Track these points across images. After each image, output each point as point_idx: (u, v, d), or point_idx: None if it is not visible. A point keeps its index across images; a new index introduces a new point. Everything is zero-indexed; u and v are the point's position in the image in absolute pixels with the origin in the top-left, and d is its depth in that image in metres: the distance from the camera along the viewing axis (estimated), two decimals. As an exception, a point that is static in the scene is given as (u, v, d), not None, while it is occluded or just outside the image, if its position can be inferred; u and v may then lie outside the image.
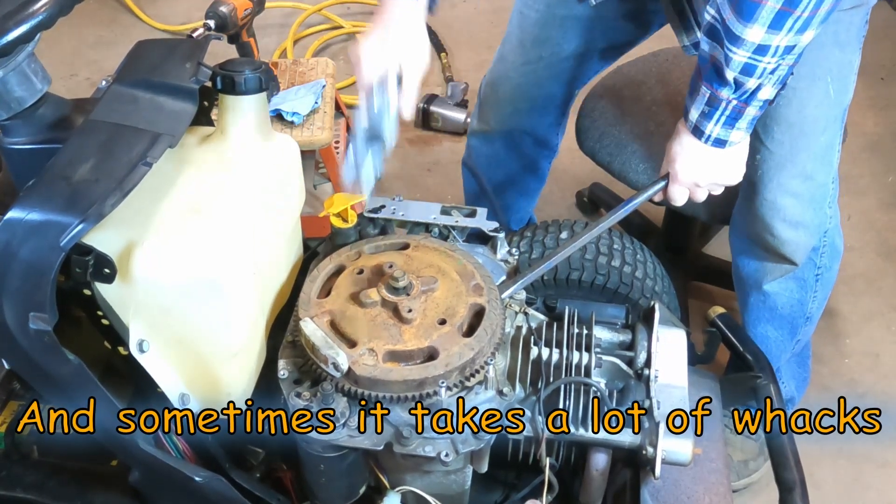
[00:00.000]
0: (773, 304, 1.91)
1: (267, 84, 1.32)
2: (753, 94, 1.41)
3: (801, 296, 1.89)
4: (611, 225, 1.58)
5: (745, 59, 1.36)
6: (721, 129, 1.48)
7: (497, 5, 3.70)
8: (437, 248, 1.41)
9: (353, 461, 1.29)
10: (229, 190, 1.27)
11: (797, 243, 1.77)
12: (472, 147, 2.16)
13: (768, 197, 1.70)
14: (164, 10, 3.72)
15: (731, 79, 1.39)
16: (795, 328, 1.96)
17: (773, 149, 1.65)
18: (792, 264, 1.82)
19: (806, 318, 1.95)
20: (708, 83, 1.43)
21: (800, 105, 1.60)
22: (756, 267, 1.87)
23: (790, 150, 1.65)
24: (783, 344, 1.98)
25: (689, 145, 1.53)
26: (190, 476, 1.25)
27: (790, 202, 1.70)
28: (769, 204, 1.71)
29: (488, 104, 2.02)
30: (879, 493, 2.12)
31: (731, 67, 1.38)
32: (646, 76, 2.12)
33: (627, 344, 1.42)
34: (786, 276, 1.85)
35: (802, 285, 1.88)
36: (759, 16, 1.30)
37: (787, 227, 1.74)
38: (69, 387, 1.15)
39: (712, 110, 1.45)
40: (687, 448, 1.32)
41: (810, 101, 1.60)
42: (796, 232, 1.75)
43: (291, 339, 1.33)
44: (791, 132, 1.63)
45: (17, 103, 1.19)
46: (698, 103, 1.47)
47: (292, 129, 2.30)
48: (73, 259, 1.07)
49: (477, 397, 1.26)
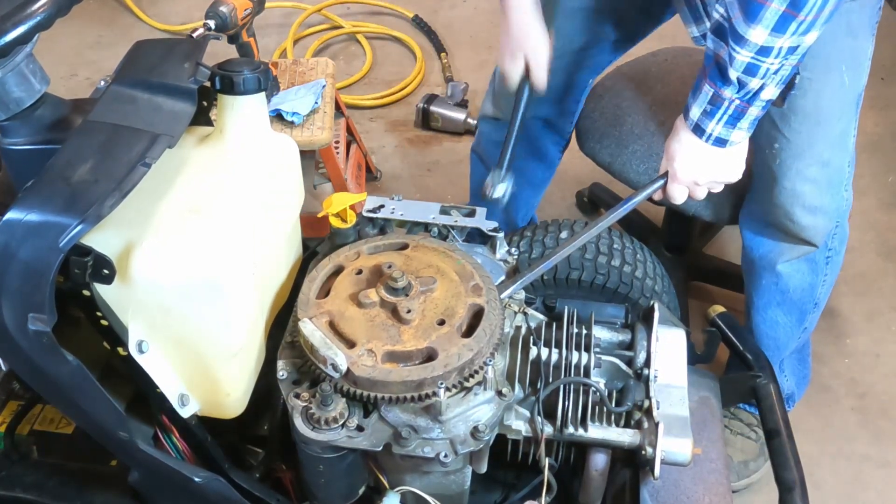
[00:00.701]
0: (786, 287, 1.92)
1: (265, 84, 1.32)
2: (756, 94, 1.42)
3: (812, 279, 1.91)
4: (610, 224, 1.58)
5: (749, 59, 1.36)
6: (723, 129, 1.48)
7: (497, 5, 3.65)
8: (436, 248, 1.41)
9: (352, 461, 1.29)
10: (228, 190, 1.27)
11: (816, 227, 1.79)
12: (482, 133, 2.16)
13: (787, 185, 1.72)
14: (164, 10, 3.72)
15: (734, 78, 1.39)
16: (804, 314, 1.97)
17: (791, 138, 1.66)
18: (811, 245, 1.84)
19: (814, 304, 1.96)
20: (712, 82, 1.43)
21: (815, 95, 1.60)
22: (770, 248, 1.88)
23: (807, 138, 1.66)
24: (791, 330, 1.99)
25: (688, 143, 1.53)
26: (189, 476, 1.26)
27: (809, 188, 1.72)
28: (788, 192, 1.72)
29: (502, 93, 2.02)
30: (879, 493, 2.12)
31: (735, 67, 1.38)
32: (645, 76, 2.12)
33: (627, 344, 1.42)
34: (799, 258, 1.87)
35: (814, 268, 1.89)
36: (763, 17, 1.30)
37: (807, 212, 1.75)
38: (68, 387, 1.15)
39: (714, 109, 1.46)
40: (686, 448, 1.32)
41: (825, 90, 1.61)
42: (815, 217, 1.77)
43: (290, 340, 1.34)
44: (807, 122, 1.64)
45: (16, 104, 1.19)
46: (700, 101, 1.47)
47: (292, 129, 2.30)
48: (72, 260, 1.07)
49: (476, 398, 1.26)
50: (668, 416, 1.34)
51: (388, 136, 3.12)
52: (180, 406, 1.27)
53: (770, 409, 1.63)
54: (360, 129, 2.97)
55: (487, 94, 2.11)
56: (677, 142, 1.55)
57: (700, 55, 1.49)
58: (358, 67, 3.38)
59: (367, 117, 3.20)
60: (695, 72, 2.03)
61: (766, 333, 2.00)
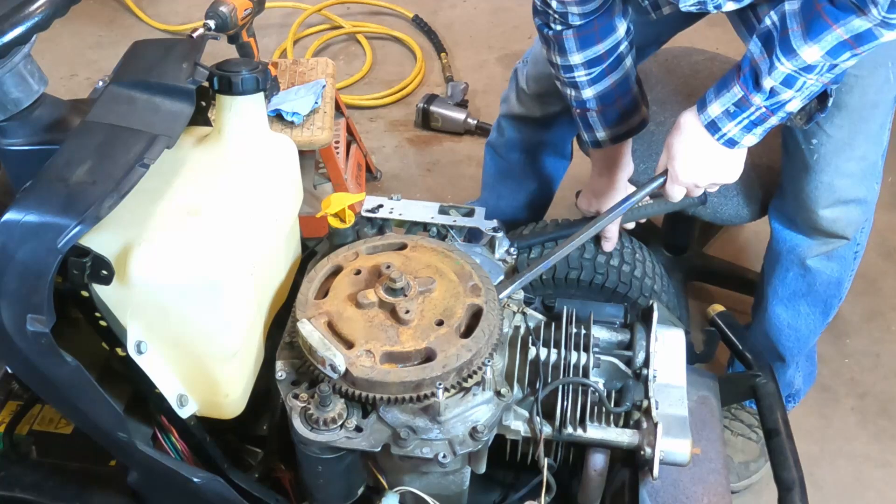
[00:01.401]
0: (813, 280, 1.92)
1: (264, 84, 1.32)
2: (783, 105, 1.41)
3: (841, 275, 1.92)
4: (609, 224, 1.57)
5: (790, 71, 1.35)
6: (739, 132, 1.46)
7: (497, 5, 3.69)
8: (434, 248, 1.41)
9: (351, 462, 1.29)
10: (227, 190, 1.27)
11: (848, 220, 1.80)
12: (503, 129, 2.16)
13: (825, 180, 1.72)
14: (164, 10, 3.72)
15: (768, 87, 1.38)
16: (829, 308, 1.98)
17: (833, 133, 1.66)
18: (843, 239, 1.84)
19: (839, 299, 1.97)
20: (744, 84, 1.41)
21: (861, 91, 1.60)
22: (800, 242, 1.88)
23: (849, 134, 1.66)
24: (816, 324, 2.00)
25: (695, 141, 1.50)
26: (188, 477, 1.26)
27: (846, 183, 1.72)
28: (826, 186, 1.72)
29: (531, 95, 2.03)
30: (879, 493, 2.12)
31: (773, 76, 1.37)
32: (646, 76, 2.11)
33: (626, 343, 1.41)
34: (829, 253, 1.87)
35: (843, 263, 1.90)
36: (824, 39, 1.30)
37: (842, 206, 1.76)
38: (67, 388, 1.15)
39: (738, 111, 1.44)
40: (685, 448, 1.32)
41: (871, 87, 1.61)
42: (848, 209, 1.77)
43: (289, 340, 1.33)
44: (851, 117, 1.64)
45: (14, 104, 1.19)
46: (725, 100, 1.44)
47: (292, 129, 2.30)
48: (71, 261, 1.07)
49: (475, 398, 1.26)
50: (667, 416, 1.34)
51: (388, 136, 3.12)
52: (179, 406, 1.27)
53: (769, 408, 1.64)
54: (360, 129, 2.97)
55: (510, 91, 2.10)
56: (681, 141, 1.52)
57: (700, 55, 1.49)
58: (358, 67, 3.38)
59: (367, 117, 3.19)
60: (694, 71, 2.03)
61: (787, 324, 2.00)
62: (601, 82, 1.69)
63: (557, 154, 2.18)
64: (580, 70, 1.67)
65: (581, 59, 1.66)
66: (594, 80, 1.69)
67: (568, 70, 1.69)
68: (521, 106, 2.07)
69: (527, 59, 2.02)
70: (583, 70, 1.67)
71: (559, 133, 2.10)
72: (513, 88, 2.08)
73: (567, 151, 2.20)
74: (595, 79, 1.69)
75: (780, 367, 2.07)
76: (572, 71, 1.68)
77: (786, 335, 2.00)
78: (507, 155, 2.18)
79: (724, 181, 1.58)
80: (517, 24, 3.55)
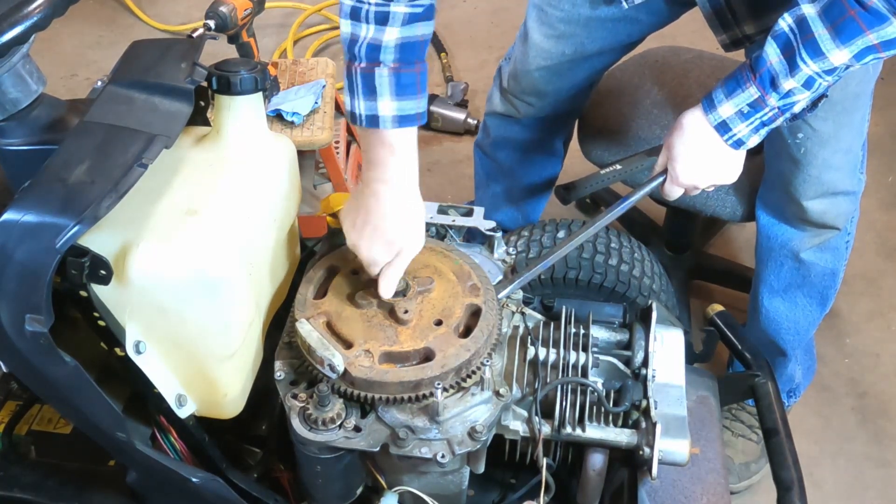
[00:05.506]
0: (807, 272, 1.93)
1: (262, 84, 1.32)
2: (793, 106, 1.40)
3: (835, 265, 1.93)
4: (608, 223, 1.57)
5: (813, 73, 1.34)
6: (748, 132, 1.44)
7: (497, 5, 3.69)
8: (433, 248, 1.41)
9: (349, 462, 1.29)
10: (225, 190, 1.27)
11: (837, 211, 1.81)
12: (489, 127, 2.16)
13: (812, 173, 1.73)
14: (164, 10, 3.72)
15: (787, 88, 1.36)
16: (826, 298, 1.99)
17: (818, 127, 1.67)
18: (834, 229, 1.86)
19: (835, 290, 1.99)
20: (761, 85, 1.39)
21: (843, 84, 1.57)
22: (791, 235, 1.89)
23: (834, 126, 1.67)
24: (813, 314, 2.01)
25: (700, 142, 1.48)
26: (187, 477, 1.26)
27: (834, 175, 1.74)
28: (814, 179, 1.74)
29: (511, 92, 2.02)
30: (879, 493, 2.12)
31: (796, 78, 1.35)
32: (641, 79, 2.12)
33: (625, 343, 1.41)
34: (822, 245, 1.89)
35: (836, 254, 1.92)
36: (855, 43, 1.29)
37: (831, 197, 1.78)
38: (66, 388, 1.15)
39: (752, 112, 1.41)
40: (684, 448, 1.32)
41: (853, 78, 1.60)
42: (836, 200, 1.79)
43: (288, 340, 1.34)
44: (835, 110, 1.64)
45: (13, 104, 1.19)
46: (739, 101, 1.41)
47: (292, 129, 2.30)
48: (69, 261, 1.07)
49: (473, 398, 1.26)
50: (665, 415, 1.34)
51: (388, 136, 3.12)
52: (178, 406, 1.27)
53: (768, 408, 1.63)
54: (360, 129, 2.96)
55: (493, 89, 2.10)
56: (684, 142, 1.49)
57: (687, 54, 1.47)
58: (358, 67, 3.38)
59: (367, 117, 3.19)
60: (685, 70, 2.03)
61: (786, 316, 2.00)
62: (413, 25, 1.27)
63: (546, 153, 2.17)
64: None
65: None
66: (410, 20, 1.27)
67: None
68: (504, 104, 2.06)
69: (509, 56, 2.02)
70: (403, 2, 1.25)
71: (544, 131, 2.10)
72: (496, 86, 2.08)
73: (557, 150, 2.19)
74: (412, 18, 1.27)
75: (780, 362, 2.08)
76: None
77: (785, 328, 2.01)
78: (495, 154, 2.18)
79: (724, 182, 1.57)
80: (517, 25, 3.52)
